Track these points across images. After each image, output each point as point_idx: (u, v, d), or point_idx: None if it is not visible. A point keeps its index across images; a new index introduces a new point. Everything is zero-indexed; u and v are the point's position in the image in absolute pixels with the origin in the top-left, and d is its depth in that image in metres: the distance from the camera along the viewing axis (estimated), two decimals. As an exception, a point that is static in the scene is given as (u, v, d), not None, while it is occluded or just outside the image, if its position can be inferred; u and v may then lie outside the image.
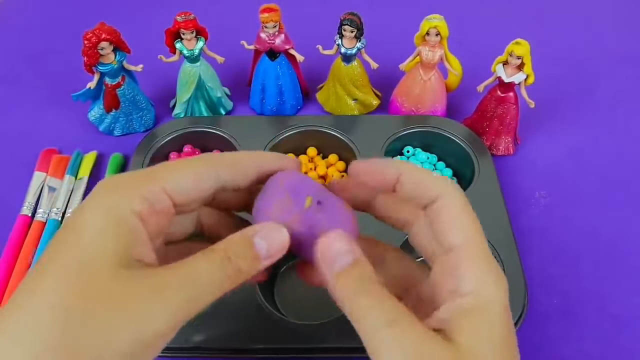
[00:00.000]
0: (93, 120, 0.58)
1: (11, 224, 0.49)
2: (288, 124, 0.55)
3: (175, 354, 0.40)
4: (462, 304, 0.23)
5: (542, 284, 0.46)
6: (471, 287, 0.23)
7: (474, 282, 0.23)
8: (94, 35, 0.50)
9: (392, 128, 0.55)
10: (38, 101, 0.62)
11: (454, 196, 0.25)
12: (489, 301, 0.23)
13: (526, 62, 0.50)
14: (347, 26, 0.53)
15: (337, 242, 0.24)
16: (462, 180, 0.54)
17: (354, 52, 0.55)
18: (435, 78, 0.56)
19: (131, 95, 0.56)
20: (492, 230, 0.46)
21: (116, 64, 0.53)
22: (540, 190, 0.54)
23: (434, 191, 0.25)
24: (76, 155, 0.55)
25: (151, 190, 0.23)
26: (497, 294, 0.23)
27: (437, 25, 0.52)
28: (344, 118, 0.58)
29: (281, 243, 0.25)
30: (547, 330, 0.44)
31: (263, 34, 0.55)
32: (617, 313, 0.45)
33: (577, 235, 0.50)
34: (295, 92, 0.59)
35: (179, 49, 0.54)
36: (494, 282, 0.23)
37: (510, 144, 0.56)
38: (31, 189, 0.52)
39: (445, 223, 0.24)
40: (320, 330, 0.40)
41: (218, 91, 0.58)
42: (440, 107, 0.58)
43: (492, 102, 0.54)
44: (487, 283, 0.23)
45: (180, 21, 0.53)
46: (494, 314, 0.23)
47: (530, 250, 0.49)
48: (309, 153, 0.56)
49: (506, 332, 0.23)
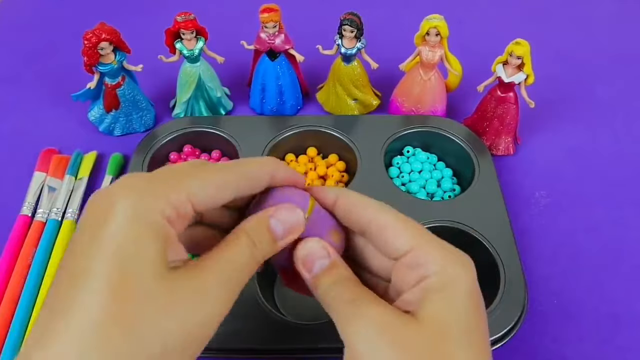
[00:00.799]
0: (93, 120, 0.58)
1: (11, 224, 0.49)
2: (288, 124, 0.55)
3: (175, 354, 0.40)
4: (427, 284, 0.24)
5: (542, 284, 0.46)
6: (435, 268, 0.24)
7: (438, 264, 0.24)
8: (94, 35, 0.50)
9: (392, 128, 0.55)
10: (38, 101, 0.62)
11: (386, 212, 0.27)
12: (453, 279, 0.24)
13: (526, 62, 0.50)
14: (347, 26, 0.53)
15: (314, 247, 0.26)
16: (462, 180, 0.54)
17: (354, 52, 0.55)
18: (435, 78, 0.56)
19: (131, 95, 0.56)
20: (492, 230, 0.46)
21: (116, 64, 0.53)
22: (540, 190, 0.54)
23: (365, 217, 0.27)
24: (76, 155, 0.55)
25: (178, 199, 0.23)
26: (461, 271, 0.24)
27: (437, 25, 0.52)
28: (344, 118, 0.58)
29: (296, 223, 0.26)
30: (547, 330, 0.44)
31: (263, 34, 0.55)
32: (616, 313, 0.45)
33: (577, 235, 0.50)
34: (295, 92, 0.59)
35: (179, 49, 0.54)
36: (457, 263, 0.24)
37: (510, 144, 0.56)
38: (31, 189, 0.52)
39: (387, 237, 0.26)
40: (320, 330, 0.40)
41: (218, 91, 0.58)
42: (440, 107, 0.58)
43: (492, 102, 0.54)
44: (450, 263, 0.24)
45: (180, 21, 0.53)
46: (459, 290, 0.24)
47: (530, 250, 0.49)
48: (309, 153, 0.56)
49: (472, 307, 0.24)
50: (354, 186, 0.50)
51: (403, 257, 0.25)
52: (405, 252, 0.25)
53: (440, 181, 0.53)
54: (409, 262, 0.25)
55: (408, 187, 0.53)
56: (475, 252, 0.45)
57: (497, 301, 0.41)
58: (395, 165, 0.55)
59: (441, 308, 0.23)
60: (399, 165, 0.54)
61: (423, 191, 0.52)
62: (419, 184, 0.53)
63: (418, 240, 0.25)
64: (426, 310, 0.23)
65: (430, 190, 0.52)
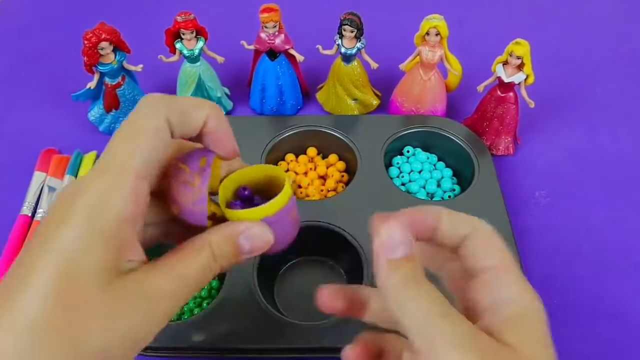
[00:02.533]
0: (93, 120, 0.58)
1: (11, 224, 0.49)
2: (288, 124, 0.55)
3: (174, 354, 0.40)
4: (507, 311, 0.24)
5: (542, 284, 0.46)
6: (514, 295, 0.24)
7: (516, 292, 0.24)
8: (94, 35, 0.50)
9: (392, 128, 0.55)
10: (38, 101, 0.62)
11: (485, 228, 0.26)
12: (530, 308, 0.24)
13: (526, 62, 0.50)
14: (347, 26, 0.53)
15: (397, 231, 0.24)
16: (462, 180, 0.54)
17: (354, 52, 0.55)
18: (435, 78, 0.56)
19: (131, 95, 0.56)
20: (492, 230, 0.46)
21: (116, 64, 0.53)
22: (540, 190, 0.54)
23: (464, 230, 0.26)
24: (76, 155, 0.55)
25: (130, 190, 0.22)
26: (536, 302, 0.24)
27: (437, 25, 0.52)
28: (344, 118, 0.58)
29: (264, 244, 0.26)
30: (547, 330, 0.44)
31: (263, 34, 0.55)
32: (616, 313, 0.45)
33: (577, 235, 0.50)
34: (295, 92, 0.59)
35: (179, 49, 0.54)
36: (530, 293, 0.24)
37: (510, 144, 0.56)
38: (31, 189, 0.52)
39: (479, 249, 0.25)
40: (320, 330, 0.40)
41: (218, 91, 0.58)
42: (440, 107, 0.58)
43: (492, 102, 0.54)
44: (526, 293, 0.24)
45: (180, 21, 0.53)
46: (537, 318, 0.24)
47: (530, 250, 0.49)
48: (309, 153, 0.56)
49: (548, 335, 0.24)
50: (354, 186, 0.50)
51: (483, 273, 0.25)
52: (486, 269, 0.25)
53: (440, 181, 0.53)
54: (489, 280, 0.24)
55: (408, 187, 0.53)
56: (475, 252, 0.45)
57: (497, 301, 0.42)
58: (395, 165, 0.55)
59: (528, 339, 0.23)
60: (399, 165, 0.54)
61: (423, 191, 0.52)
62: (419, 184, 0.53)
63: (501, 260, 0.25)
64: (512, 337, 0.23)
65: (430, 190, 0.52)
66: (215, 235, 0.25)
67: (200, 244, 0.24)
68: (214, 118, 0.25)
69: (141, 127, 0.23)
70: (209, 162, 0.26)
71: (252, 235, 0.25)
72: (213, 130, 0.25)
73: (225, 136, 0.26)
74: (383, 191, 0.50)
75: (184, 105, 0.24)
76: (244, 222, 0.25)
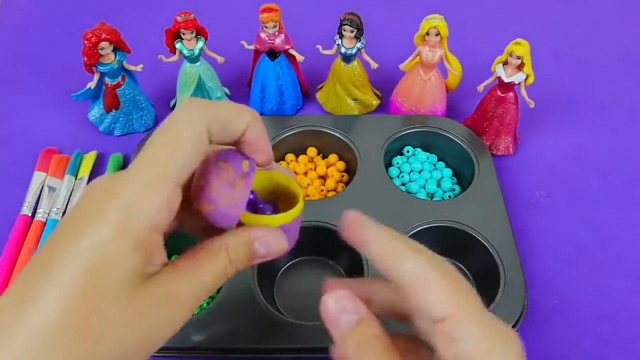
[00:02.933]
0: (93, 120, 0.58)
1: (11, 224, 0.49)
2: (288, 124, 0.55)
3: (175, 354, 0.40)
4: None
5: (542, 284, 0.46)
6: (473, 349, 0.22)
7: (476, 350, 0.22)
8: (94, 35, 0.50)
9: (392, 128, 0.55)
10: (38, 101, 0.62)
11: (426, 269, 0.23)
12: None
13: (526, 62, 0.50)
14: (347, 26, 0.53)
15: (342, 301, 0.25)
16: (462, 180, 0.54)
17: (354, 52, 0.55)
18: (435, 78, 0.56)
19: (131, 95, 0.56)
20: (492, 230, 0.46)
21: (116, 64, 0.53)
22: (540, 190, 0.54)
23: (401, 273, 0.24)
24: (76, 155, 0.55)
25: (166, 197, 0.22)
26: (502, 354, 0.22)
27: (437, 25, 0.52)
28: (344, 118, 0.58)
29: (280, 250, 0.26)
30: (547, 330, 0.44)
31: (263, 34, 0.55)
32: (616, 313, 0.45)
33: (577, 236, 0.50)
34: (295, 92, 0.59)
35: (179, 49, 0.54)
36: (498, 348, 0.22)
37: (510, 144, 0.56)
38: (31, 189, 0.52)
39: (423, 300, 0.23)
40: (320, 330, 0.40)
41: (218, 91, 0.58)
42: (440, 107, 0.58)
43: (492, 102, 0.54)
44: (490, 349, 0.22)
45: (180, 21, 0.53)
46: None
47: (530, 250, 0.49)
48: (309, 153, 0.56)
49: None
50: (354, 186, 0.50)
51: (440, 323, 0.22)
52: (442, 319, 0.22)
53: (440, 181, 0.53)
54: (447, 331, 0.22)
55: (408, 187, 0.53)
56: (475, 252, 0.45)
57: (497, 301, 0.42)
58: (395, 165, 0.55)
59: None
60: (399, 165, 0.54)
61: (423, 191, 0.52)
62: (419, 184, 0.53)
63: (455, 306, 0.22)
64: None
65: (430, 190, 0.52)
66: (231, 239, 0.25)
67: (218, 248, 0.25)
68: (253, 127, 0.25)
69: (182, 134, 0.23)
70: (252, 166, 0.26)
71: (268, 242, 0.26)
72: (252, 139, 0.25)
73: (263, 144, 0.26)
74: (383, 191, 0.50)
75: (225, 114, 0.24)
76: (261, 229, 0.26)
